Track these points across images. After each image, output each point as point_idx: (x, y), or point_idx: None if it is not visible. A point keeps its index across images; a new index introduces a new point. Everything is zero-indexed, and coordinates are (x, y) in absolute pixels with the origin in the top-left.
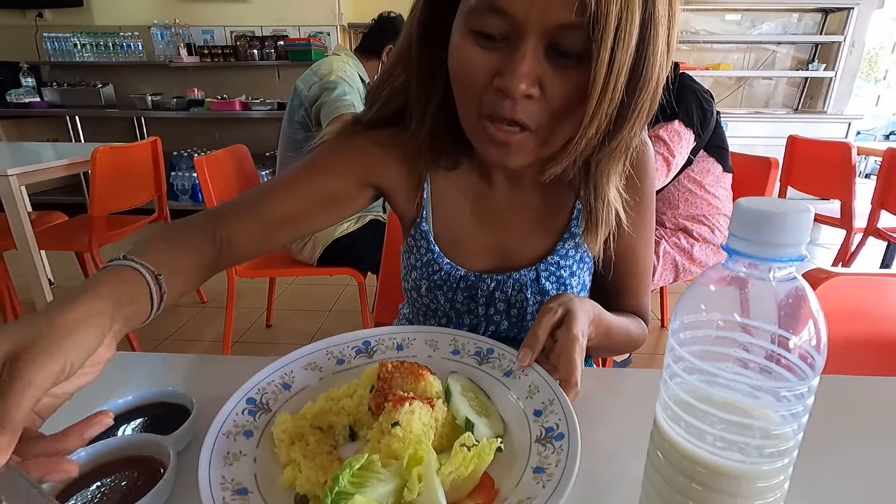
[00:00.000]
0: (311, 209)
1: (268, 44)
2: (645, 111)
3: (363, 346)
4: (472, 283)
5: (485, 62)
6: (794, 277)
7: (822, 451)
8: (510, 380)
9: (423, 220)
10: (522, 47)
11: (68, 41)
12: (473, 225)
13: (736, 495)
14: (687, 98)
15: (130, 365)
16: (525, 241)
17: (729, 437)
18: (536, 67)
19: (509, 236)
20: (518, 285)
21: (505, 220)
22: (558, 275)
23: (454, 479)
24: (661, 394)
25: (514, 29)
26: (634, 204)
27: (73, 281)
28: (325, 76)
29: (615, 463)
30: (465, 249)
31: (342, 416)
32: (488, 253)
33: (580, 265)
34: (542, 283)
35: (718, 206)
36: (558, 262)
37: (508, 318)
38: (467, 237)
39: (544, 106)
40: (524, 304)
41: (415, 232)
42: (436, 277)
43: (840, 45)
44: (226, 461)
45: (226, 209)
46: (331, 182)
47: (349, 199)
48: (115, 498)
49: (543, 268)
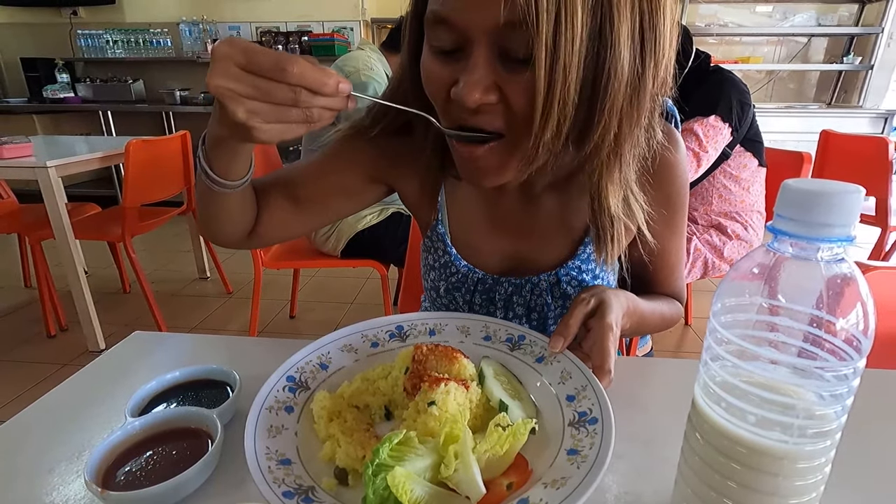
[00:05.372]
0: (330, 197)
1: (292, 39)
2: (622, 111)
3: (396, 331)
4: (490, 286)
5: (443, 75)
6: (843, 259)
7: (862, 443)
8: (542, 366)
9: (440, 222)
10: (474, 56)
11: (101, 38)
12: (489, 230)
13: (777, 475)
14: (726, 91)
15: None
16: (543, 246)
17: (772, 416)
18: (489, 74)
19: (526, 242)
20: (537, 290)
21: (520, 226)
22: (580, 279)
23: (489, 458)
24: (700, 376)
25: (463, 38)
26: (661, 201)
27: (106, 270)
28: (350, 74)
29: (648, 447)
30: (482, 252)
31: (378, 397)
32: (505, 257)
33: (603, 268)
34: (564, 287)
35: (752, 202)
36: (579, 266)
37: (529, 321)
38: (483, 241)
39: (506, 111)
40: (545, 309)
41: (432, 233)
42: (454, 279)
43: (878, 36)
44: (269, 433)
45: (268, 184)
46: (343, 176)
47: (361, 191)
48: (167, 466)
49: (564, 272)
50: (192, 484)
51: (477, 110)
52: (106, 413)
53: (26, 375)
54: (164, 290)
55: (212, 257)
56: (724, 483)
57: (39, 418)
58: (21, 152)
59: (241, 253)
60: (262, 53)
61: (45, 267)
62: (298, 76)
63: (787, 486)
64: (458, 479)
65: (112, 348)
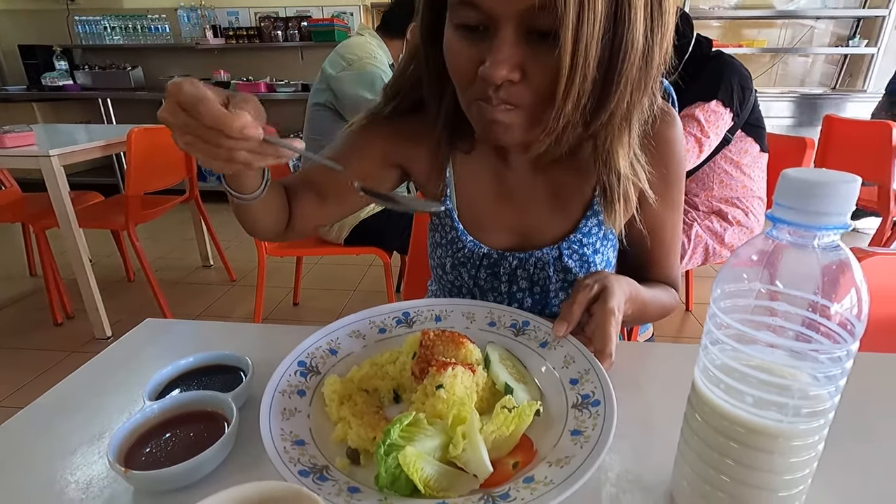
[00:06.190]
0: (349, 188)
1: (291, 25)
2: (634, 81)
3: (403, 317)
4: (495, 261)
5: (469, 54)
6: (838, 246)
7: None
8: (546, 351)
9: (447, 199)
10: (499, 36)
11: (99, 24)
12: (494, 204)
13: (772, 452)
14: (728, 76)
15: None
16: (546, 219)
17: (769, 397)
18: (515, 53)
19: (530, 215)
20: (540, 263)
21: (525, 199)
22: (581, 252)
23: (495, 439)
24: (700, 359)
25: (489, 19)
26: (659, 176)
27: (110, 258)
28: (352, 62)
29: (648, 428)
30: (488, 228)
31: (387, 381)
32: (510, 231)
33: (604, 242)
34: (565, 261)
35: (753, 188)
36: (581, 239)
37: (532, 295)
38: (489, 216)
39: (528, 88)
40: (547, 282)
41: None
42: (459, 255)
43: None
44: (283, 416)
45: (294, 182)
46: (361, 165)
47: (379, 178)
48: (185, 447)
49: (566, 246)
50: (210, 464)
51: (499, 87)
52: (123, 397)
53: (34, 363)
54: (169, 277)
55: (215, 245)
56: (723, 461)
57: (58, 404)
58: (23, 141)
59: (245, 241)
60: (188, 92)
61: (49, 255)
62: (208, 117)
63: (783, 463)
64: (466, 459)
65: (124, 336)
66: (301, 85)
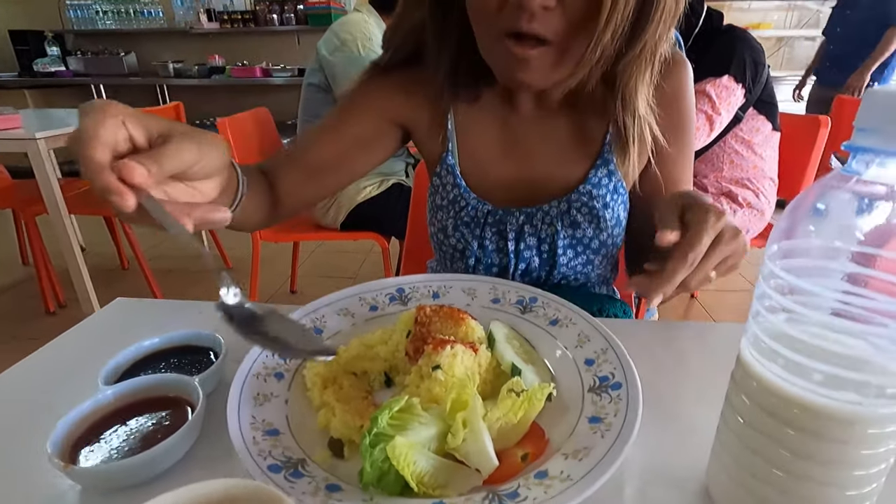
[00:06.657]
0: (348, 153)
1: (287, 8)
2: (670, 11)
3: (397, 294)
4: (500, 218)
5: None
6: None
7: None
8: (557, 328)
9: (449, 153)
10: None
11: (90, 8)
12: (500, 155)
13: (845, 442)
14: (739, 50)
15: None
16: (555, 169)
17: (845, 374)
18: None
19: (537, 165)
20: (548, 218)
21: (532, 147)
22: (591, 206)
23: (501, 426)
24: (749, 329)
25: None
26: (669, 120)
27: (103, 247)
28: (346, 41)
29: (675, 414)
30: (492, 182)
31: (377, 362)
32: (516, 184)
33: (614, 196)
34: (574, 215)
35: (765, 168)
36: (590, 191)
37: (539, 254)
38: (494, 168)
39: (562, 17)
40: (554, 239)
41: (440, 169)
42: (462, 214)
43: None
44: (256, 401)
45: (276, 163)
46: (360, 124)
47: (379, 139)
48: (142, 438)
49: (575, 198)
50: (168, 458)
51: (533, 16)
52: (79, 384)
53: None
54: (162, 265)
55: (210, 232)
56: (776, 451)
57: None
58: (9, 124)
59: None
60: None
61: (40, 243)
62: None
63: (855, 455)
64: (467, 450)
65: (92, 315)
66: (298, 70)
